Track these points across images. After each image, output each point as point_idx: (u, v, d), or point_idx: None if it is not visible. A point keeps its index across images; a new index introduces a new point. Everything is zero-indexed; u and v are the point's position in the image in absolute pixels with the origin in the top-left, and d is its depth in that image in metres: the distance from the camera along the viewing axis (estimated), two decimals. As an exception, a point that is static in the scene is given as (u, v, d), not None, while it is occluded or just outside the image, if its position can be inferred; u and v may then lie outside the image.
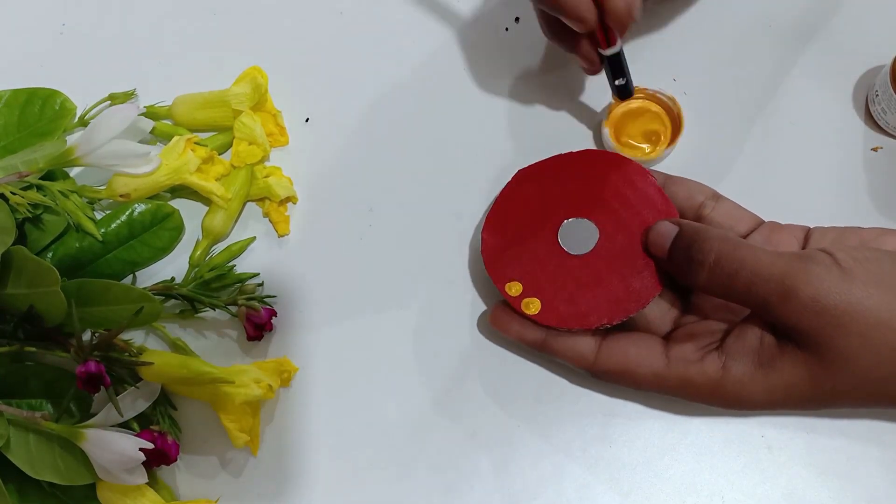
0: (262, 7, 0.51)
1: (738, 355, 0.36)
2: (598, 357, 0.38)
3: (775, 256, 0.34)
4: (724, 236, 0.36)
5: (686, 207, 0.40)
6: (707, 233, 0.36)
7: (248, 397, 0.39)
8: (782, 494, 0.39)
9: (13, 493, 0.39)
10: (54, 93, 0.47)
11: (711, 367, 0.36)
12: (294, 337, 0.44)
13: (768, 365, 0.35)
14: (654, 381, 0.37)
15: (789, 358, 0.34)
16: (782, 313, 0.34)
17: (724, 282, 0.35)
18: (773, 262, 0.34)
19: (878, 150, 0.45)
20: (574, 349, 0.39)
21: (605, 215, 0.40)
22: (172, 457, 0.39)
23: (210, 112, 0.47)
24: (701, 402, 0.37)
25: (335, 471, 0.42)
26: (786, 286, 0.33)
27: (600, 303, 0.38)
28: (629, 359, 0.38)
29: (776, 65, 0.47)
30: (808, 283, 0.33)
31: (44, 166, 0.42)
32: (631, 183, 0.41)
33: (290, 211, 0.46)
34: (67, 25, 0.51)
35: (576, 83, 0.47)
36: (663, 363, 0.37)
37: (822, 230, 0.39)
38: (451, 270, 0.44)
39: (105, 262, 0.44)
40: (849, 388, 0.34)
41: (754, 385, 0.35)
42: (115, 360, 0.39)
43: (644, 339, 0.38)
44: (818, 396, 0.35)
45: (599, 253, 0.40)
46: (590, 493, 0.40)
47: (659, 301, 0.40)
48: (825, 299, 0.33)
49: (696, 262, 0.36)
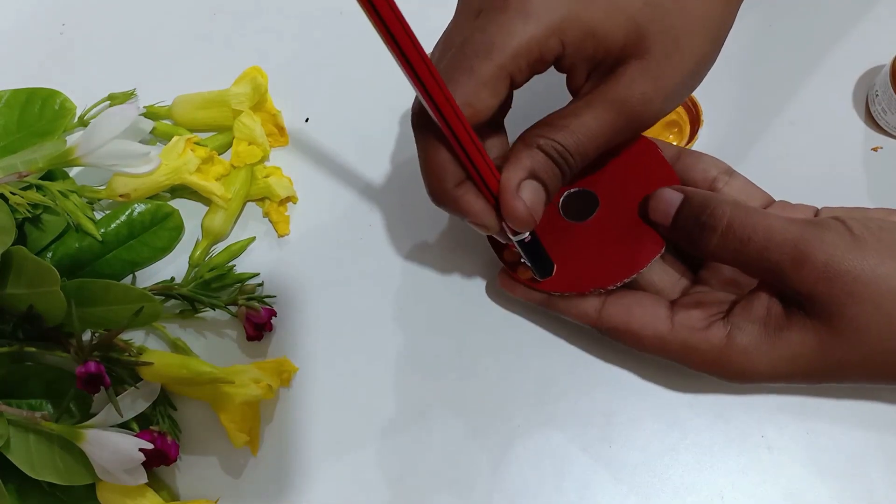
0: (262, 7, 0.51)
1: (744, 324, 0.35)
2: (601, 314, 0.38)
3: (788, 222, 0.34)
4: (736, 202, 0.35)
5: (699, 180, 0.40)
6: (718, 198, 0.36)
7: (248, 397, 0.39)
8: (782, 494, 0.39)
9: (13, 493, 0.39)
10: (54, 93, 0.47)
11: (716, 335, 0.36)
12: (294, 337, 0.44)
13: (775, 334, 0.35)
14: (657, 343, 0.37)
15: (797, 327, 0.34)
16: (794, 279, 0.33)
17: (735, 247, 0.35)
18: (786, 228, 0.34)
19: (878, 150, 0.45)
20: (578, 307, 0.39)
21: (607, 185, 0.39)
22: (172, 457, 0.39)
23: (210, 112, 0.47)
24: (703, 371, 0.37)
25: (335, 471, 0.42)
26: (798, 251, 0.33)
27: (596, 268, 0.38)
28: (633, 318, 0.37)
29: (776, 65, 0.47)
30: (822, 249, 0.33)
31: (44, 166, 0.42)
32: (638, 154, 0.39)
33: (290, 211, 0.46)
34: (67, 25, 0.51)
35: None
36: (667, 326, 0.37)
37: (829, 210, 0.39)
38: (451, 270, 0.44)
39: (105, 262, 0.44)
40: (857, 359, 0.34)
41: (759, 355, 0.35)
42: (115, 360, 0.39)
43: (650, 299, 0.38)
44: (824, 368, 0.35)
45: (600, 221, 0.39)
46: (590, 493, 0.40)
47: (668, 270, 0.40)
48: (838, 265, 0.32)
49: (707, 228, 0.35)
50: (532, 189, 0.34)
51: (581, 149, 0.34)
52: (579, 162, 0.35)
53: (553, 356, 0.42)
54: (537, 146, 0.34)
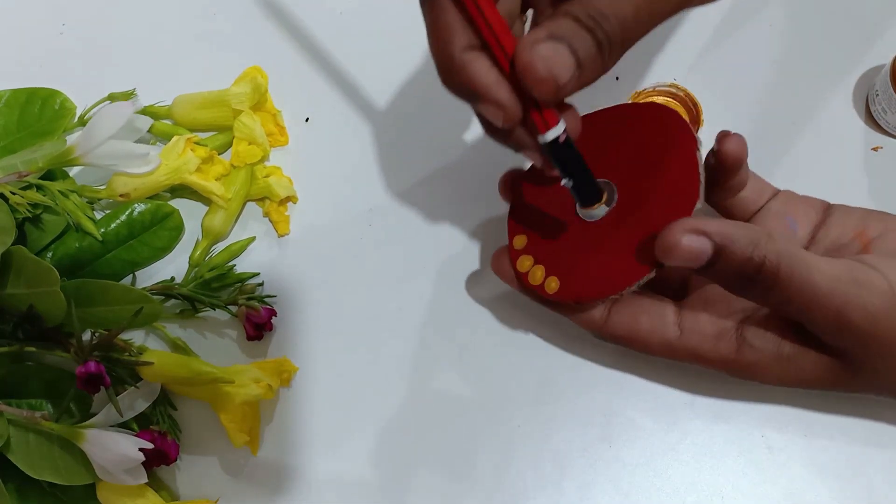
0: (262, 7, 0.51)
1: (756, 342, 0.34)
2: (607, 323, 0.37)
3: (834, 283, 0.31)
4: (783, 253, 0.31)
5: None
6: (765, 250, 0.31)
7: (248, 397, 0.39)
8: (782, 494, 0.39)
9: (13, 493, 0.39)
10: (54, 93, 0.47)
11: (726, 347, 0.35)
12: (294, 337, 0.44)
13: (788, 360, 0.34)
14: (665, 350, 0.36)
15: (812, 358, 0.34)
16: (830, 337, 0.33)
17: (775, 301, 0.32)
18: (833, 291, 0.31)
19: (878, 150, 0.45)
20: (583, 315, 0.37)
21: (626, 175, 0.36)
22: (172, 457, 0.39)
23: (210, 112, 0.47)
24: (712, 369, 0.36)
25: (335, 471, 0.42)
26: (842, 316, 0.32)
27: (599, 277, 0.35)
28: (640, 327, 0.36)
29: (776, 65, 0.47)
30: (865, 315, 0.31)
31: (44, 166, 0.42)
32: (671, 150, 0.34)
33: (290, 211, 0.46)
34: (67, 25, 0.51)
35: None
36: (675, 333, 0.36)
37: (844, 211, 0.37)
38: (451, 270, 0.44)
39: (105, 261, 0.44)
40: (869, 388, 0.34)
41: (768, 371, 0.35)
42: (115, 360, 0.39)
43: (655, 306, 0.36)
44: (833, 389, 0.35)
45: (615, 218, 0.35)
46: (590, 493, 0.40)
47: None
48: (880, 331, 0.32)
49: (751, 283, 0.32)
50: (552, 47, 0.28)
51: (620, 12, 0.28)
52: (618, 31, 0.28)
53: (553, 356, 0.42)
54: (564, 12, 0.28)
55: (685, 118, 0.34)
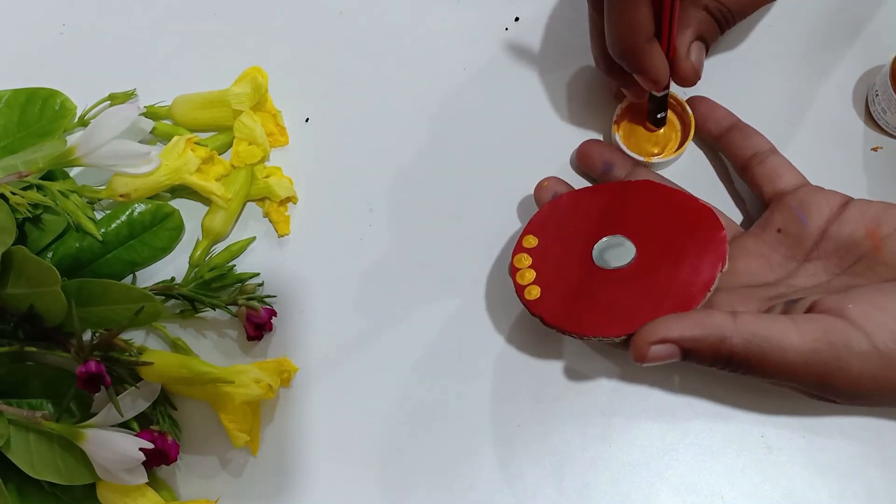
0: (262, 7, 0.51)
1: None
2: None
3: (809, 356, 0.32)
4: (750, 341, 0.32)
5: (738, 156, 0.42)
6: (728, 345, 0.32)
7: (248, 397, 0.39)
8: (782, 494, 0.39)
9: (13, 493, 0.39)
10: (54, 93, 0.47)
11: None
12: (294, 337, 0.44)
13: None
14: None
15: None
16: (821, 398, 0.34)
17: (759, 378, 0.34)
18: (809, 364, 0.32)
19: (878, 150, 0.45)
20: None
21: (649, 255, 0.38)
22: (172, 457, 0.39)
23: (210, 112, 0.47)
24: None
25: (335, 471, 0.42)
26: (825, 384, 0.32)
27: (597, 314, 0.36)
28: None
29: (776, 65, 0.47)
30: (849, 380, 0.32)
31: (44, 166, 0.42)
32: (698, 251, 0.37)
33: (290, 211, 0.46)
34: (67, 25, 0.51)
35: (578, 83, 0.47)
36: None
37: (862, 206, 0.37)
38: (451, 270, 0.44)
39: (105, 262, 0.44)
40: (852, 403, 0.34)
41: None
42: (115, 360, 0.39)
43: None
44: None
45: (624, 273, 0.38)
46: (590, 493, 0.40)
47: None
48: (863, 388, 0.32)
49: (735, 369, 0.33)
50: (698, 49, 0.40)
51: (739, 6, 0.40)
52: (737, 19, 0.41)
53: (553, 356, 0.42)
54: (704, 6, 0.40)
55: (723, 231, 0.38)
